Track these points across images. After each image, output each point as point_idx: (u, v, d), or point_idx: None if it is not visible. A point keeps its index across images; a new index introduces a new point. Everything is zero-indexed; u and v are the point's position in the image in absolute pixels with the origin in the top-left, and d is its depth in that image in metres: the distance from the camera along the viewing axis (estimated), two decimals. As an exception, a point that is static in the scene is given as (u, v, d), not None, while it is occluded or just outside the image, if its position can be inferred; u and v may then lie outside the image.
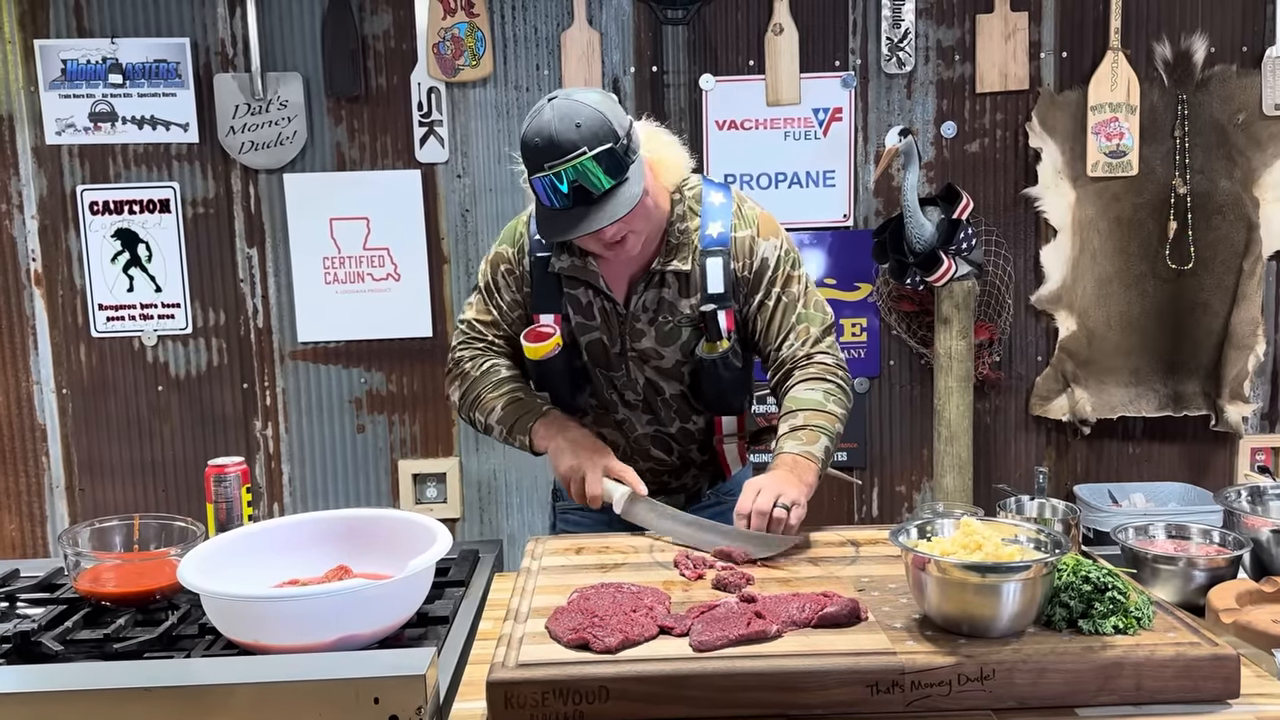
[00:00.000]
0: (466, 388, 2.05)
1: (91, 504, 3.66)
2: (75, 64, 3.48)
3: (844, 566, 1.66)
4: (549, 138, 1.74)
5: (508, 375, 2.04)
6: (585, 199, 1.76)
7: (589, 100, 1.78)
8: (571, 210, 1.77)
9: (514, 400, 1.99)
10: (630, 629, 1.34)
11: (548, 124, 1.75)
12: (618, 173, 1.77)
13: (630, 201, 1.78)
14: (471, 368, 2.05)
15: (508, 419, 1.99)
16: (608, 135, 1.76)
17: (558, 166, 1.74)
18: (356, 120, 3.57)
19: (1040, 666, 1.26)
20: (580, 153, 1.73)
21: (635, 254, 1.91)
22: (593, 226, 1.77)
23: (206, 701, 1.21)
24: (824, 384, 1.92)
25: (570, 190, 1.75)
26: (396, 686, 1.20)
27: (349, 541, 1.67)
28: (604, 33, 3.53)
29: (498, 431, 2.01)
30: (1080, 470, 3.71)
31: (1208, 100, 3.50)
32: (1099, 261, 3.55)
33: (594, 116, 1.75)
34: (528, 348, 1.98)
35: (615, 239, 1.84)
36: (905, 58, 3.52)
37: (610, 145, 1.75)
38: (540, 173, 1.76)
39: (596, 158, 1.74)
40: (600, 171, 1.75)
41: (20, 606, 1.65)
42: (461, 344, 2.10)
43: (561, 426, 1.97)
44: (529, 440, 1.98)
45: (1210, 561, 1.67)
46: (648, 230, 1.90)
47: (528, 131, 1.77)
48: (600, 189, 1.76)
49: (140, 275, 3.59)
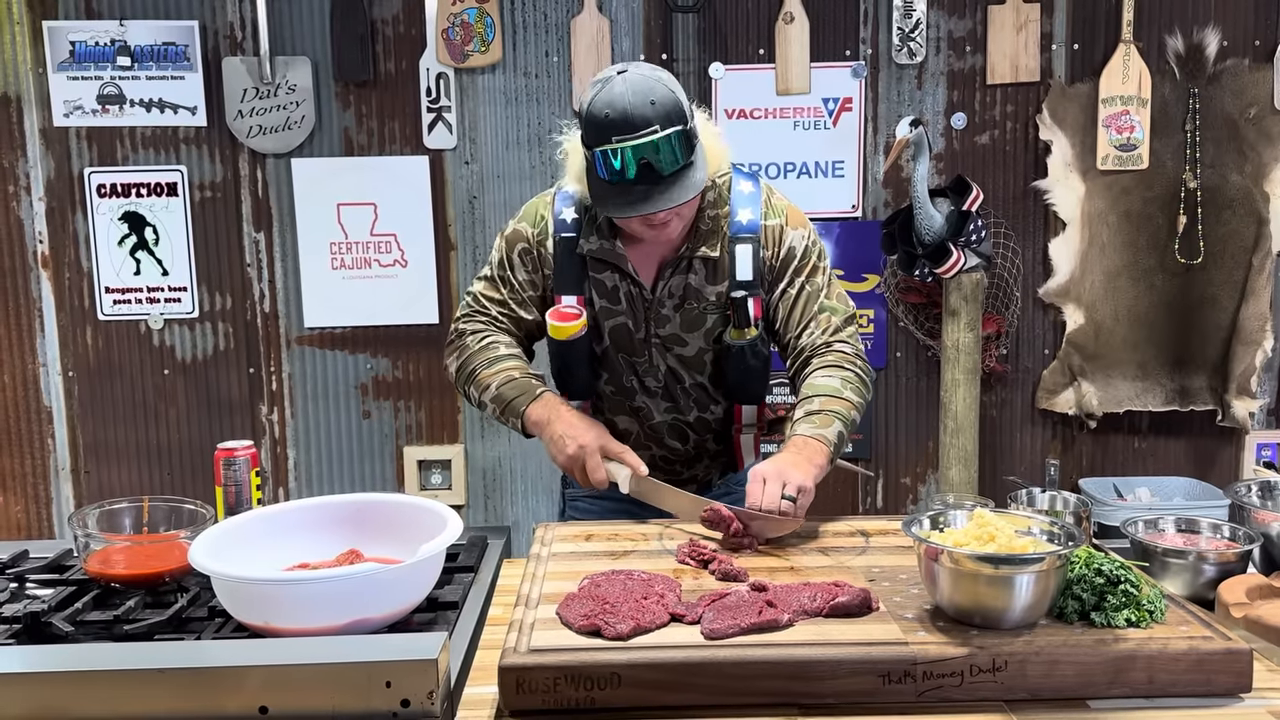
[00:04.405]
0: (464, 360, 2.03)
1: (97, 487, 3.67)
2: (84, 46, 3.47)
3: (854, 556, 1.65)
4: (623, 111, 1.72)
5: (505, 353, 2.00)
6: (651, 177, 1.75)
7: (662, 78, 1.77)
8: (635, 187, 1.75)
9: (509, 380, 1.96)
10: (642, 616, 1.34)
11: (620, 97, 1.73)
12: (686, 155, 1.76)
13: (697, 186, 1.78)
14: (472, 341, 2.03)
15: (502, 399, 1.96)
16: (679, 116, 1.75)
17: (629, 142, 1.72)
18: (365, 105, 3.56)
19: (1052, 658, 1.26)
20: (653, 131, 1.72)
21: (673, 238, 1.90)
22: (660, 207, 1.75)
23: (218, 683, 1.21)
24: (842, 371, 1.91)
25: (638, 167, 1.73)
26: (409, 670, 1.20)
27: (359, 526, 1.66)
28: (614, 19, 3.52)
29: (491, 409, 1.98)
30: (1085, 464, 3.70)
31: (1219, 94, 3.48)
32: (1108, 255, 3.54)
33: (668, 96, 1.74)
34: (554, 326, 1.96)
35: (665, 223, 1.83)
36: (916, 48, 3.51)
37: (682, 127, 1.75)
38: (607, 145, 1.74)
39: (670, 138, 1.73)
40: (671, 152, 1.74)
41: (30, 587, 1.65)
42: (464, 316, 2.08)
43: (554, 411, 1.92)
44: (521, 424, 1.95)
45: (1220, 556, 1.67)
46: (690, 216, 1.90)
47: (597, 102, 1.75)
48: (668, 169, 1.74)
49: (147, 258, 3.59)
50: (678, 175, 1.76)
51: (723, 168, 1.96)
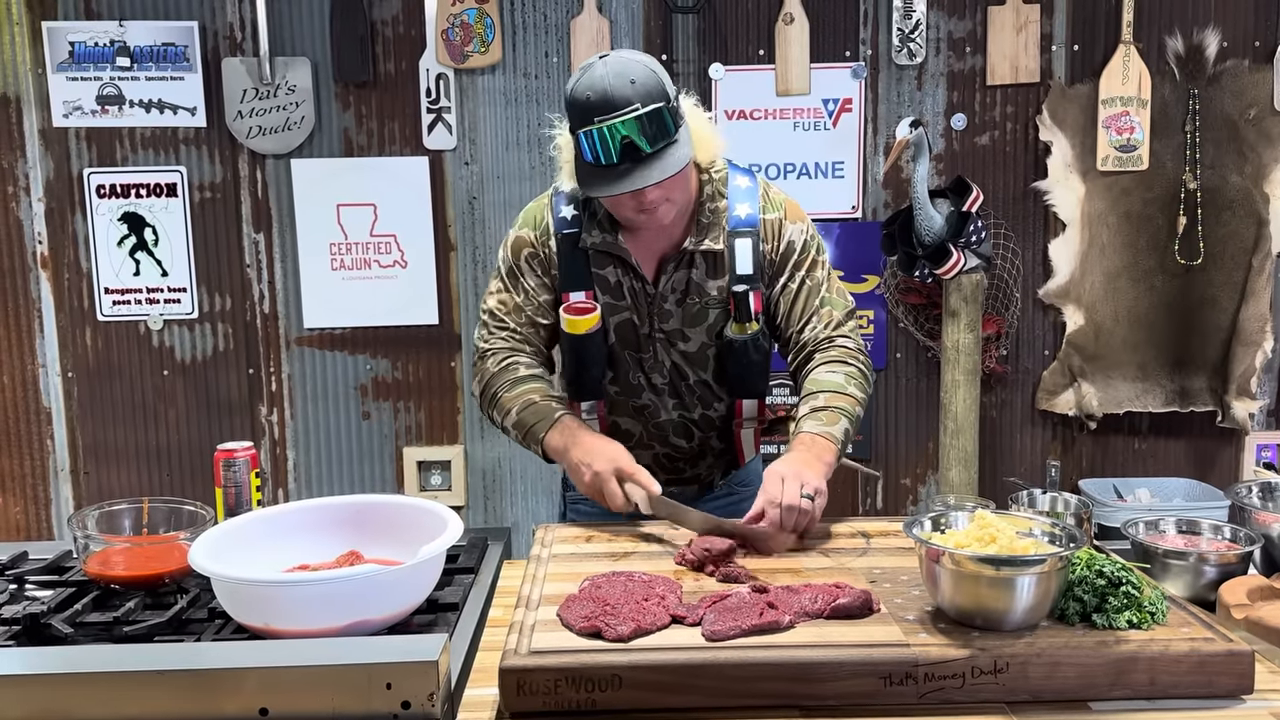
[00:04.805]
0: (486, 384, 2.00)
1: (96, 488, 3.66)
2: (83, 46, 3.47)
3: (855, 558, 1.65)
4: (602, 92, 1.73)
5: (525, 374, 1.97)
6: (634, 156, 1.76)
7: (641, 59, 1.79)
8: (618, 166, 1.76)
9: (528, 405, 1.93)
10: (642, 618, 1.34)
11: (601, 79, 1.74)
12: (669, 133, 1.77)
13: (680, 162, 1.78)
14: (492, 363, 2.00)
15: (522, 424, 1.93)
16: (660, 94, 1.76)
17: (610, 120, 1.73)
18: (364, 106, 3.55)
19: (1054, 660, 1.26)
20: (634, 108, 1.73)
21: (666, 224, 1.90)
22: (642, 183, 1.76)
23: (218, 685, 1.20)
24: (845, 367, 1.91)
25: (621, 146, 1.74)
26: (409, 672, 1.19)
27: (359, 527, 1.66)
28: (614, 20, 3.52)
29: (514, 435, 1.97)
30: (1085, 465, 3.70)
31: (1219, 95, 3.48)
32: (1108, 256, 3.54)
33: (648, 75, 1.76)
34: (569, 321, 1.95)
35: (654, 205, 1.83)
36: (916, 49, 3.51)
37: (662, 105, 1.75)
38: (589, 126, 1.75)
39: (650, 115, 1.74)
40: (653, 129, 1.75)
41: (29, 589, 1.64)
42: (484, 336, 2.05)
43: (571, 438, 1.89)
44: (541, 450, 1.93)
45: (1221, 557, 1.66)
46: (682, 202, 1.90)
47: (578, 86, 1.76)
48: (650, 147, 1.75)
49: (146, 259, 3.59)
50: (661, 152, 1.77)
51: (717, 160, 1.96)
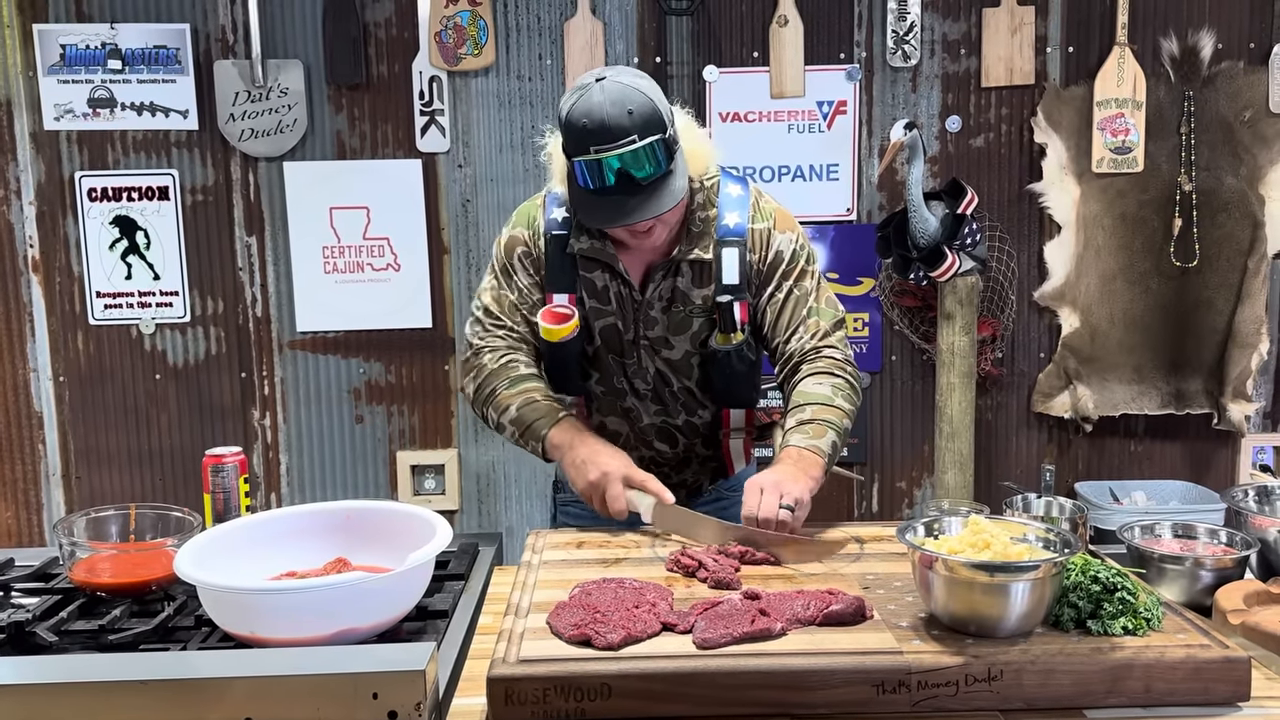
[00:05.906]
0: (482, 381, 1.97)
1: (88, 492, 3.64)
2: (74, 49, 3.45)
3: (849, 564, 1.64)
4: (600, 121, 1.71)
5: (526, 373, 1.95)
6: (629, 187, 1.74)
7: (641, 86, 1.75)
8: (614, 196, 1.75)
9: (529, 402, 1.91)
10: (633, 625, 1.33)
11: (598, 106, 1.71)
12: (665, 163, 1.75)
13: (677, 195, 1.77)
14: (490, 360, 1.98)
15: (522, 421, 1.91)
16: (658, 125, 1.74)
17: (608, 153, 1.71)
18: (357, 108, 3.54)
19: (1048, 667, 1.25)
20: (630, 141, 1.71)
21: (659, 245, 1.89)
22: (639, 217, 1.75)
23: (202, 694, 1.19)
24: (832, 379, 1.90)
25: (616, 177, 1.72)
26: (396, 682, 1.18)
27: (347, 534, 1.64)
28: (607, 23, 3.51)
29: (510, 432, 1.93)
30: (1081, 468, 3.69)
31: (1214, 97, 3.47)
32: (1103, 258, 3.53)
33: (646, 104, 1.73)
34: (546, 329, 1.92)
35: (647, 232, 1.82)
36: (911, 51, 3.50)
37: (661, 136, 1.73)
38: (585, 156, 1.73)
39: (649, 148, 1.72)
40: (649, 162, 1.73)
41: (15, 596, 1.63)
42: (478, 332, 2.03)
43: (577, 436, 1.88)
44: (542, 447, 1.91)
45: (1217, 562, 1.65)
46: (674, 222, 1.89)
47: (574, 111, 1.74)
48: (648, 178, 1.73)
49: (139, 263, 3.57)
50: (657, 184, 1.75)
51: (710, 170, 1.94)
